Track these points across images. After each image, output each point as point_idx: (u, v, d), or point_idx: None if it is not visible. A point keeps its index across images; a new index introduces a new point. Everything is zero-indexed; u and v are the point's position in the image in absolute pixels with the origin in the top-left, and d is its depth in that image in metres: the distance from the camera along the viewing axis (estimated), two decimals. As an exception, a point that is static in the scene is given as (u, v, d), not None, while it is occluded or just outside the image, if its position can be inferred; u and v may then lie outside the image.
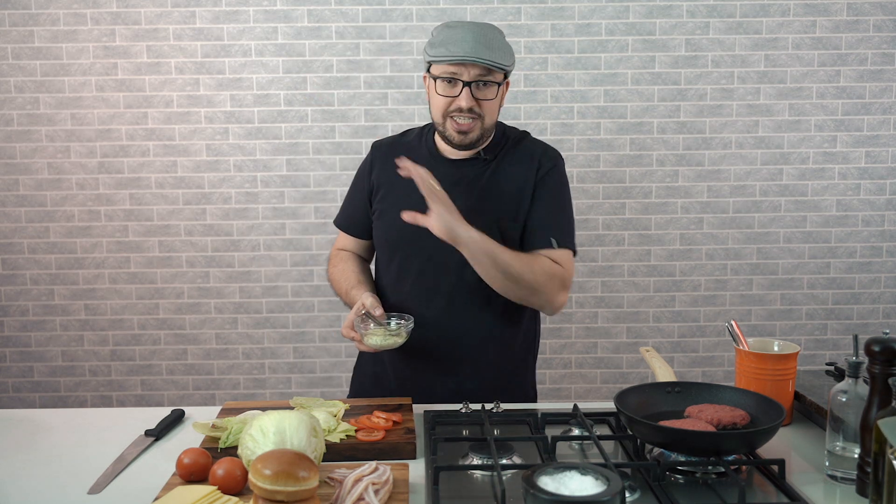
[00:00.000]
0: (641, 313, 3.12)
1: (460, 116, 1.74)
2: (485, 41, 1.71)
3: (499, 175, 1.84)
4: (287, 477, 1.13)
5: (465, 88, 1.71)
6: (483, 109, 1.75)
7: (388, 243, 1.89)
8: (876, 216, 3.08)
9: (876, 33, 2.99)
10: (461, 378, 1.86)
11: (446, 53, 1.70)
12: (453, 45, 1.70)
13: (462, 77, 1.71)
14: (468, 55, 1.68)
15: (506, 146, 1.88)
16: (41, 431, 1.62)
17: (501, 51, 1.73)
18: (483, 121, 1.76)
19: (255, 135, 3.01)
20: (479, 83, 1.72)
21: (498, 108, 1.80)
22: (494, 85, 1.74)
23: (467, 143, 1.78)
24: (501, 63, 1.71)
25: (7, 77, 2.97)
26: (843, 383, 1.36)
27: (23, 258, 3.06)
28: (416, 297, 1.85)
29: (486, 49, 1.70)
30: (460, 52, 1.68)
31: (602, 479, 1.11)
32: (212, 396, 3.12)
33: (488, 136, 1.82)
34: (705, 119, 3.03)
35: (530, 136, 1.94)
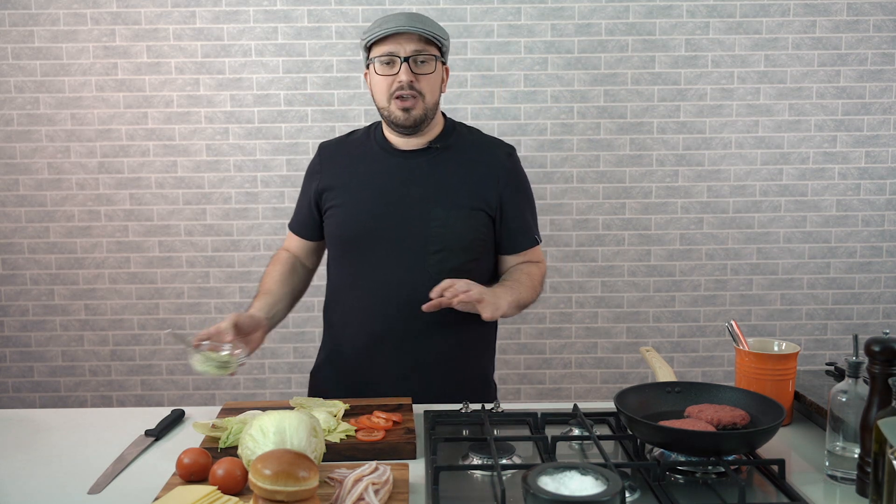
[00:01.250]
0: (641, 313, 3.12)
1: (402, 94, 1.77)
2: (417, 18, 1.78)
3: (456, 164, 1.86)
4: (287, 477, 1.13)
5: (404, 64, 1.75)
6: (423, 86, 1.78)
7: (342, 241, 1.89)
8: (876, 216, 3.09)
9: (876, 33, 2.99)
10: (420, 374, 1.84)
11: (378, 29, 1.76)
12: (386, 23, 1.76)
13: (399, 53, 1.75)
14: (401, 26, 1.74)
15: (457, 136, 1.90)
16: (41, 431, 1.62)
17: (434, 27, 1.80)
18: (424, 98, 1.79)
19: (255, 135, 3.01)
20: (416, 59, 1.76)
21: (439, 88, 1.83)
22: (432, 59, 1.79)
23: (411, 121, 1.80)
24: (434, 32, 1.77)
25: (7, 77, 2.97)
26: (843, 383, 1.36)
27: (23, 258, 3.06)
28: (372, 293, 1.84)
29: (418, 22, 1.76)
30: (392, 25, 1.74)
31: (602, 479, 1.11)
32: (212, 396, 3.12)
33: (431, 117, 1.84)
34: (705, 119, 3.03)
35: (478, 130, 1.98)
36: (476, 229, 1.84)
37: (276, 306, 1.88)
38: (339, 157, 1.93)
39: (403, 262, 1.82)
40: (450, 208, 1.81)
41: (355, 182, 1.87)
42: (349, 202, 1.86)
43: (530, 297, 1.87)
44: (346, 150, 1.94)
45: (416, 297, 1.78)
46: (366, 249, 1.85)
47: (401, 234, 1.82)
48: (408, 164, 1.85)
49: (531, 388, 3.15)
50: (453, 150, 1.87)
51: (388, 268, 1.83)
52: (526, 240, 1.92)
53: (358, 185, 1.86)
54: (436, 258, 1.81)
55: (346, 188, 1.88)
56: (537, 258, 1.96)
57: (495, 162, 1.88)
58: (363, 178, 1.86)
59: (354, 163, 1.90)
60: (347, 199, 1.87)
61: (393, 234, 1.82)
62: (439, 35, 1.79)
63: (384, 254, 1.83)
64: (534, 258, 1.95)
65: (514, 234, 1.91)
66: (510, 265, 1.94)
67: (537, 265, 1.95)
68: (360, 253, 1.86)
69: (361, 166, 1.88)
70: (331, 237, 1.92)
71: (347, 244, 1.88)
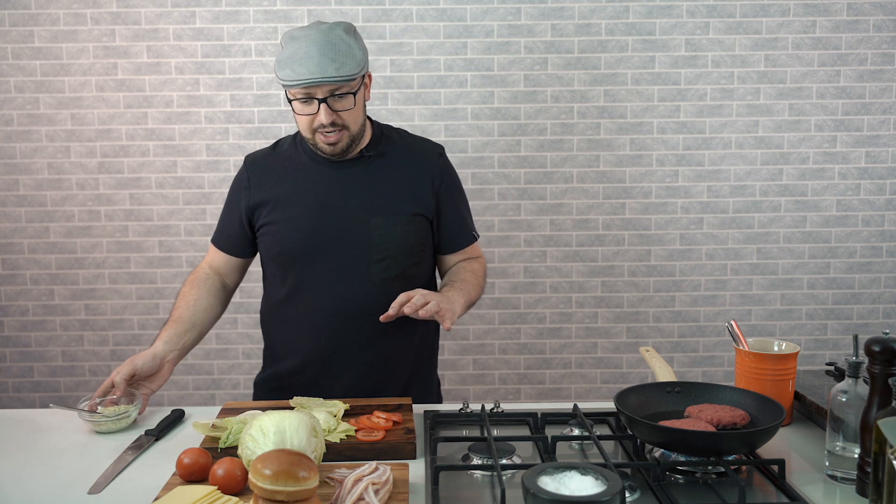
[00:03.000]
0: (641, 313, 3.12)
1: (325, 131, 1.73)
2: (331, 52, 1.67)
3: (390, 170, 1.84)
4: (287, 477, 1.13)
5: (322, 105, 1.69)
6: (345, 120, 1.73)
7: (282, 257, 1.85)
8: (876, 216, 3.09)
9: (876, 33, 2.99)
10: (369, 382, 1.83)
11: (293, 76, 1.66)
12: (298, 64, 1.66)
13: (316, 95, 1.69)
14: (314, 76, 1.65)
15: (388, 141, 1.88)
16: (41, 431, 1.62)
17: (349, 57, 1.68)
18: (349, 129, 1.75)
19: (256, 135, 3.01)
20: (334, 96, 1.70)
21: (362, 110, 1.79)
22: (350, 95, 1.71)
23: (338, 152, 1.78)
24: (348, 75, 1.67)
25: (7, 77, 2.97)
26: (843, 383, 1.36)
27: (23, 258, 3.06)
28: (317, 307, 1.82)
29: (331, 62, 1.66)
30: (306, 74, 1.65)
31: (602, 479, 1.11)
32: (212, 396, 3.12)
33: (360, 139, 1.81)
34: (705, 119, 3.03)
35: (405, 131, 1.96)
36: (415, 234, 1.83)
37: (186, 335, 1.83)
38: (268, 171, 1.88)
39: (347, 274, 1.80)
40: (389, 216, 1.80)
41: (290, 196, 1.83)
42: (285, 218, 1.82)
43: (477, 295, 1.89)
44: (274, 163, 1.89)
45: (361, 308, 1.79)
46: (307, 264, 1.82)
47: (342, 246, 1.80)
48: (342, 174, 1.82)
49: (531, 388, 3.15)
50: (386, 157, 1.85)
51: (332, 280, 1.81)
52: (465, 238, 1.94)
53: (293, 199, 1.82)
54: (379, 266, 1.80)
55: (280, 203, 1.83)
56: (476, 254, 1.99)
57: (428, 164, 1.87)
58: (297, 192, 1.82)
59: (286, 176, 1.85)
60: (283, 215, 1.83)
61: (334, 246, 1.80)
62: (353, 73, 1.69)
63: (327, 267, 1.81)
64: (473, 254, 1.98)
65: (454, 234, 1.92)
66: (451, 264, 1.96)
67: (478, 261, 1.97)
68: (301, 268, 1.83)
69: (294, 180, 1.84)
70: (268, 254, 1.88)
71: (288, 260, 1.84)
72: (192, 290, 1.90)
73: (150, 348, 1.76)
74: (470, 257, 1.97)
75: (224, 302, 1.97)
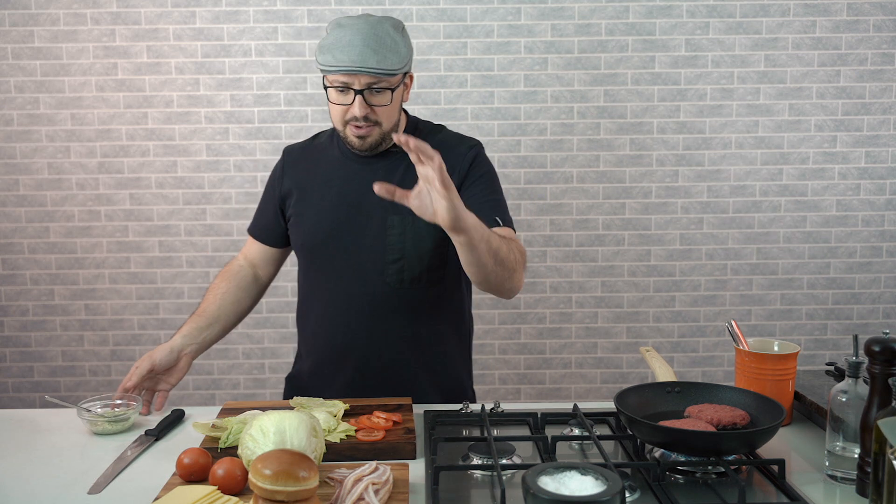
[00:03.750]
0: (641, 313, 3.12)
1: (356, 123, 1.68)
2: (375, 44, 1.62)
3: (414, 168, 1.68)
4: (287, 477, 1.13)
5: (358, 97, 1.65)
6: (379, 115, 1.68)
7: (305, 248, 1.84)
8: (876, 216, 3.09)
9: (876, 33, 2.99)
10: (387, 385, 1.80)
11: (333, 62, 1.62)
12: (340, 51, 1.62)
13: (353, 86, 1.64)
14: (354, 65, 1.61)
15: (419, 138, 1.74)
16: (41, 431, 1.62)
17: (393, 52, 1.64)
18: (381, 126, 1.70)
19: (255, 135, 3.01)
20: (371, 90, 1.65)
21: (398, 109, 1.74)
22: (388, 91, 1.66)
23: (367, 147, 1.73)
24: (389, 69, 1.63)
25: (7, 77, 2.97)
26: (843, 383, 1.36)
27: (23, 258, 3.06)
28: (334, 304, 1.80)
29: (373, 54, 1.61)
30: (346, 62, 1.61)
31: (602, 479, 1.11)
32: (212, 396, 3.12)
33: (389, 139, 1.74)
34: (705, 119, 3.03)
35: (446, 129, 1.87)
36: (435, 237, 1.74)
37: (208, 330, 1.82)
38: (301, 162, 1.87)
39: (362, 273, 1.77)
40: (406, 215, 1.72)
41: (316, 189, 1.81)
42: (309, 210, 1.81)
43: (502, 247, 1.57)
44: (309, 155, 1.87)
45: (375, 309, 1.75)
46: (327, 259, 1.80)
47: (359, 244, 1.77)
48: (366, 169, 1.78)
49: (531, 388, 3.15)
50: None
51: (349, 278, 1.78)
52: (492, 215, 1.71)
53: (318, 191, 1.81)
54: (394, 268, 1.76)
55: (306, 195, 1.82)
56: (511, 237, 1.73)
57: (454, 161, 1.75)
58: (323, 185, 1.80)
59: (316, 168, 1.84)
60: (308, 207, 1.82)
61: (352, 243, 1.77)
62: (394, 68, 1.64)
63: (344, 263, 1.78)
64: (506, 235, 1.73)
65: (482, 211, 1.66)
66: None
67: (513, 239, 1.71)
68: (322, 262, 1.81)
69: (322, 172, 1.82)
70: (296, 246, 1.87)
71: (310, 253, 1.83)
72: (222, 283, 1.90)
73: (169, 342, 1.77)
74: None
75: (255, 296, 1.95)
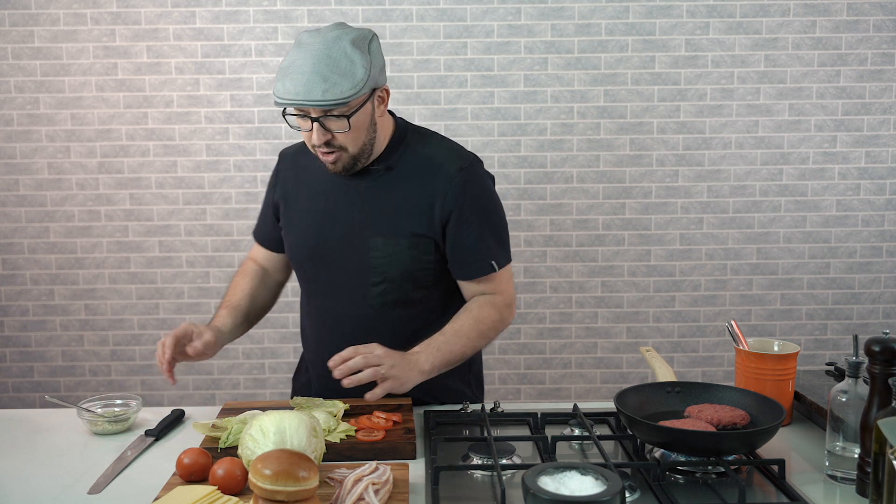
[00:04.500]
0: (641, 313, 3.12)
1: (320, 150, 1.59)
2: (326, 69, 1.49)
3: (399, 185, 1.67)
4: (287, 477, 1.13)
5: (315, 124, 1.54)
6: (341, 141, 1.57)
7: (294, 261, 1.80)
8: (876, 216, 3.09)
9: (876, 33, 2.99)
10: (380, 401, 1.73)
11: (282, 92, 1.52)
12: (289, 79, 1.51)
13: (309, 113, 1.54)
14: (299, 97, 1.50)
15: (405, 151, 1.69)
16: (41, 431, 1.62)
17: (346, 76, 1.50)
18: (347, 150, 1.59)
19: (255, 135, 3.01)
20: (328, 116, 1.54)
21: (364, 130, 1.59)
22: (345, 118, 1.53)
23: (340, 170, 1.63)
24: (337, 98, 1.49)
25: (7, 77, 2.97)
26: (843, 383, 1.36)
27: (23, 258, 3.06)
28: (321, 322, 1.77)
29: (321, 82, 1.49)
30: (292, 93, 1.50)
31: (602, 479, 1.11)
32: (212, 396, 3.12)
33: (366, 158, 1.64)
34: (705, 119, 3.03)
35: (437, 138, 1.75)
36: (419, 259, 1.66)
37: (241, 324, 1.80)
38: (292, 170, 1.79)
39: (346, 294, 1.71)
40: (389, 237, 1.65)
41: (303, 200, 1.75)
42: (296, 223, 1.76)
43: (471, 349, 1.66)
44: (299, 163, 1.78)
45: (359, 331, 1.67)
46: (313, 275, 1.75)
47: (342, 264, 1.70)
48: (350, 185, 1.69)
49: (531, 388, 3.15)
50: (399, 169, 1.67)
51: (333, 298, 1.73)
52: (480, 265, 1.68)
53: (305, 204, 1.74)
54: (377, 290, 1.68)
55: (294, 205, 1.76)
56: (497, 289, 1.72)
57: (442, 180, 1.65)
58: (309, 198, 1.73)
59: (304, 178, 1.76)
60: (294, 220, 1.76)
61: (335, 262, 1.71)
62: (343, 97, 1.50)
63: (328, 282, 1.73)
64: (492, 288, 1.71)
65: (466, 260, 1.68)
66: (469, 293, 1.73)
67: (492, 305, 1.70)
68: (308, 278, 1.77)
69: (309, 184, 1.75)
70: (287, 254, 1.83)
71: (299, 267, 1.79)
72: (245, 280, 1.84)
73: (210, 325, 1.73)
74: (486, 292, 1.71)
75: (274, 297, 1.92)
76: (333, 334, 1.73)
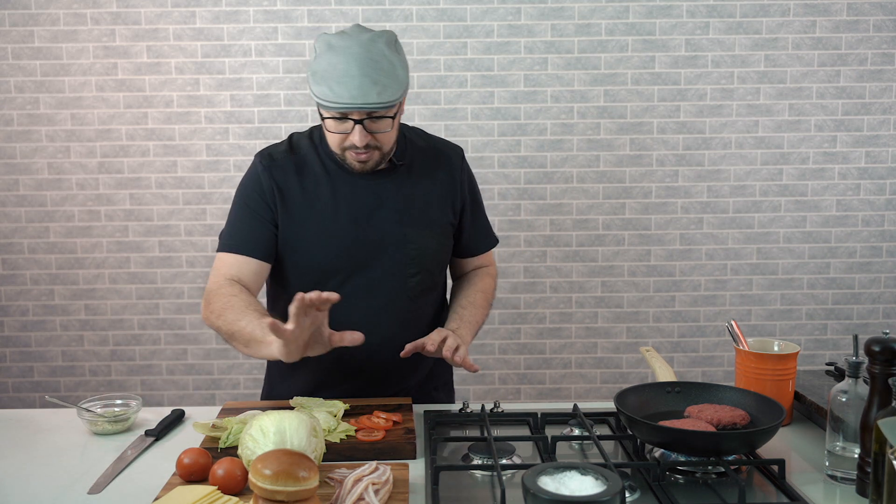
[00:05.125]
0: (641, 313, 3.12)
1: (356, 151, 1.61)
2: (374, 72, 1.53)
3: (418, 178, 1.74)
4: (287, 477, 1.13)
5: (357, 126, 1.57)
6: (379, 141, 1.61)
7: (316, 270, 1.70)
8: (876, 216, 3.09)
9: (876, 33, 2.99)
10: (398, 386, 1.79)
11: (332, 97, 1.53)
12: (337, 83, 1.53)
13: (352, 116, 1.56)
14: (355, 101, 1.52)
15: (412, 147, 1.77)
16: (41, 431, 1.62)
17: (393, 79, 1.55)
18: (381, 150, 1.64)
19: (255, 135, 3.01)
20: (371, 118, 1.57)
21: (397, 130, 1.68)
22: (388, 118, 1.59)
23: (366, 170, 1.66)
24: (391, 100, 1.54)
25: (7, 77, 2.97)
26: (843, 383, 1.36)
27: (23, 258, 3.06)
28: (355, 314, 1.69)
29: (373, 85, 1.52)
30: (346, 97, 1.52)
31: (602, 479, 1.11)
32: (212, 396, 3.12)
33: (388, 157, 1.69)
34: (705, 119, 3.03)
35: (420, 131, 1.84)
36: (445, 244, 1.79)
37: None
38: (290, 176, 1.70)
39: (385, 290, 1.71)
40: (422, 228, 1.72)
41: (321, 206, 1.69)
42: (320, 230, 1.69)
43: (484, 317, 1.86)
44: (300, 170, 1.71)
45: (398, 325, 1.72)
46: (346, 278, 1.70)
47: (382, 262, 1.70)
48: (374, 185, 1.70)
49: (531, 388, 3.15)
50: (413, 164, 1.75)
51: (369, 296, 1.71)
52: (489, 241, 1.91)
53: (324, 209, 1.69)
54: (415, 281, 1.73)
55: (313, 213, 1.69)
56: (489, 261, 1.95)
57: (454, 169, 1.79)
58: (328, 202, 1.69)
59: (314, 184, 1.70)
60: (318, 227, 1.69)
61: (374, 261, 1.70)
62: (396, 98, 1.56)
63: (366, 282, 1.70)
64: (488, 260, 1.94)
65: (479, 237, 1.88)
66: (467, 269, 1.91)
67: (489, 275, 1.92)
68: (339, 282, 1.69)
69: (324, 188, 1.70)
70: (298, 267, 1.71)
71: (323, 275, 1.70)
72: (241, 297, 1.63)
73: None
74: (483, 265, 1.92)
75: None
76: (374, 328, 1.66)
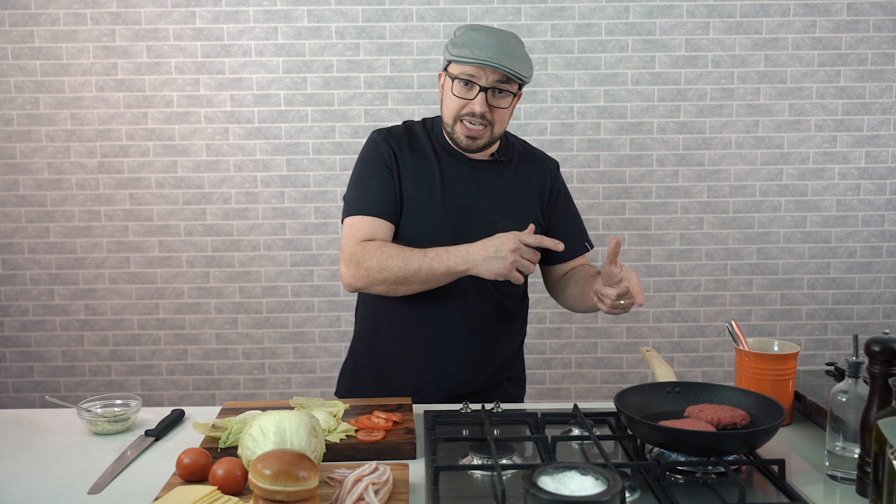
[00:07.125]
0: (641, 313, 3.12)
1: (472, 121, 1.72)
2: (507, 49, 1.68)
3: (517, 179, 1.85)
4: (287, 477, 1.13)
5: (482, 93, 1.69)
6: (495, 117, 1.73)
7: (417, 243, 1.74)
8: (876, 216, 3.09)
9: (876, 33, 2.99)
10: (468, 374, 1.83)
11: (469, 55, 1.67)
12: (477, 47, 1.67)
13: (479, 81, 1.68)
14: (490, 60, 1.66)
15: (512, 148, 1.89)
16: (41, 431, 1.62)
17: (522, 61, 1.71)
18: (493, 129, 1.74)
19: (255, 135, 3.01)
20: (495, 90, 1.70)
21: (508, 118, 1.78)
22: (509, 94, 1.72)
23: (475, 148, 1.77)
24: (521, 73, 1.69)
25: (7, 77, 2.97)
26: (843, 383, 1.36)
27: (23, 258, 3.06)
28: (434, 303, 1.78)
29: (507, 56, 1.67)
30: (483, 56, 1.66)
31: (602, 479, 1.11)
32: (212, 396, 3.12)
33: (494, 144, 1.81)
34: (705, 119, 3.03)
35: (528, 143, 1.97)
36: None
37: None
38: (406, 152, 1.80)
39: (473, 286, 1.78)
40: (515, 220, 1.76)
41: (427, 185, 1.78)
42: (423, 207, 1.77)
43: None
44: (413, 147, 1.81)
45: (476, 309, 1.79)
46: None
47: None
48: (477, 173, 1.81)
49: (531, 388, 3.15)
50: (512, 163, 1.86)
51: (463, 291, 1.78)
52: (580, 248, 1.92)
53: (430, 188, 1.78)
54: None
55: (419, 189, 1.78)
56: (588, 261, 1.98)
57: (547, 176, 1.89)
58: (435, 182, 1.78)
59: (424, 163, 1.80)
60: (422, 204, 1.77)
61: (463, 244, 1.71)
62: (525, 75, 1.70)
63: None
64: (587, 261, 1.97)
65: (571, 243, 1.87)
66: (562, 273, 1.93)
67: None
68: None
69: (432, 168, 1.79)
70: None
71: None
72: (393, 246, 1.72)
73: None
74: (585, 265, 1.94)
75: None
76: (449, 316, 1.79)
